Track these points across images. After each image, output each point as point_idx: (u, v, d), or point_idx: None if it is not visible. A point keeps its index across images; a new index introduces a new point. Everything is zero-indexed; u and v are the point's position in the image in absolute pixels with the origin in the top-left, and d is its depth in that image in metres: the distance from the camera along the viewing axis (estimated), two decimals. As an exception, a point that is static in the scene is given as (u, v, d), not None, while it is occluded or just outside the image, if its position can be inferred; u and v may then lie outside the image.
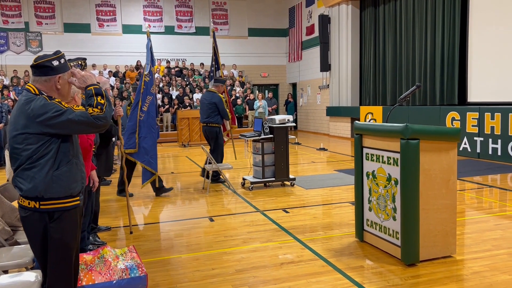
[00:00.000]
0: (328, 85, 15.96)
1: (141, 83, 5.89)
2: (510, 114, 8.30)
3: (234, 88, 17.47)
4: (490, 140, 8.76)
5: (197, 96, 16.16)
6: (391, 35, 12.80)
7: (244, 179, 6.92)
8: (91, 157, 3.29)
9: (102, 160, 4.13)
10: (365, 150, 3.91)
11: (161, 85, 16.88)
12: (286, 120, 6.53)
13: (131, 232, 4.61)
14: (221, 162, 7.14)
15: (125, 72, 17.42)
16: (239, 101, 16.46)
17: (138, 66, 17.92)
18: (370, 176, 3.85)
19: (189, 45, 19.11)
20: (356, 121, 4.11)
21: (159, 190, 6.39)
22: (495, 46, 9.38)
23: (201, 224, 4.91)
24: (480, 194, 5.97)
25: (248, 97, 16.73)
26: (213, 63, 7.79)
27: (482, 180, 6.90)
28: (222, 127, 7.26)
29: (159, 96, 15.72)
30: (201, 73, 18.61)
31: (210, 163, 6.68)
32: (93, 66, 16.55)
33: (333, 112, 15.11)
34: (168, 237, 4.47)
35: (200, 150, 12.41)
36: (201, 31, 19.21)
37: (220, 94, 7.12)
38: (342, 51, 14.68)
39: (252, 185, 6.61)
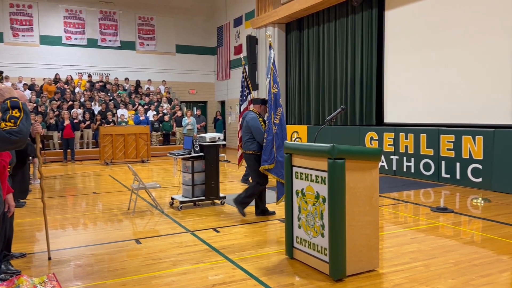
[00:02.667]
0: (255, 104, 16.24)
1: (270, 95, 5.71)
2: (421, 134, 9.05)
3: (161, 105, 17.15)
4: (405, 158, 9.46)
5: (121, 111, 15.60)
6: (315, 58, 13.43)
7: (172, 198, 6.76)
8: (6, 178, 3.02)
9: (17, 182, 3.81)
10: (294, 169, 4.03)
11: (82, 99, 16.08)
12: (217, 138, 6.53)
13: (49, 258, 4.27)
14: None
15: (42, 85, 16.36)
16: (166, 117, 16.17)
17: (57, 80, 16.93)
18: (300, 194, 3.96)
19: (114, 59, 18.51)
20: (286, 141, 4.22)
21: (264, 211, 6.02)
22: (408, 71, 10.23)
23: (127, 247, 4.68)
24: (396, 209, 6.39)
25: (176, 114, 16.49)
26: (245, 88, 9.54)
27: (398, 196, 7.39)
28: None
29: (79, 111, 14.96)
30: (126, 88, 18.04)
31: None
32: (6, 78, 15.33)
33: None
34: (91, 262, 4.20)
35: (124, 168, 11.93)
36: (126, 45, 18.72)
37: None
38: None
39: (181, 205, 6.47)
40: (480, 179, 7.87)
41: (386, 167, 9.92)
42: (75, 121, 14.23)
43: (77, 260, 4.27)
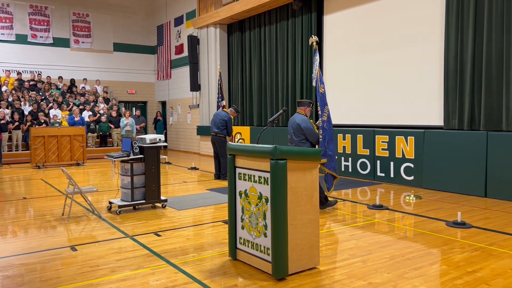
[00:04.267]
0: (198, 104, 16.11)
1: (318, 95, 6.30)
2: (358, 135, 9.44)
3: (97, 105, 16.45)
4: (343, 158, 9.81)
5: (54, 112, 14.76)
6: (257, 60, 13.55)
7: (110, 202, 6.50)
8: None
9: None
10: (237, 170, 4.03)
11: (10, 99, 15.03)
12: (158, 140, 6.37)
13: (-28, 271, 3.94)
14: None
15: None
16: (103, 118, 15.54)
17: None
18: (243, 195, 3.97)
19: (46, 56, 17.49)
20: (229, 142, 4.21)
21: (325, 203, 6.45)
22: (345, 75, 10.62)
23: (62, 254, 4.43)
24: (335, 207, 6.59)
25: (112, 115, 15.89)
26: (219, 94, 10.95)
27: (336, 195, 7.64)
28: (226, 139, 9.45)
29: (7, 111, 13.97)
30: (59, 87, 17.12)
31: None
32: None
33: (204, 131, 15.27)
34: (21, 272, 3.93)
35: (58, 171, 11.31)
36: (59, 42, 17.76)
37: (231, 115, 9.58)
38: (211, 72, 15.01)
39: (120, 209, 6.24)
40: (412, 177, 8.34)
41: (326, 167, 10.21)
42: (2, 121, 13.26)
43: (5, 270, 3.97)
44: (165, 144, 6.76)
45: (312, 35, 6.52)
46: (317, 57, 6.38)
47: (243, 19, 14.04)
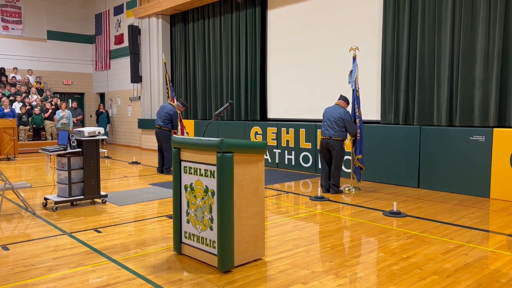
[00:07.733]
0: (139, 97, 15.64)
1: (357, 99, 7.03)
2: (300, 129, 9.65)
3: (29, 96, 15.47)
4: (286, 151, 10.00)
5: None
6: (201, 53, 13.39)
7: (46, 198, 6.16)
8: None
9: None
10: (183, 164, 3.97)
11: None
12: (97, 133, 6.11)
13: None
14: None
15: None
16: (36, 110, 14.64)
17: None
18: (188, 189, 3.92)
19: (-30, 42, 16.14)
20: (174, 135, 4.14)
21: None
22: (288, 70, 10.80)
23: (-8, 255, 4.14)
24: (279, 200, 6.72)
25: (45, 107, 15.00)
26: (167, 86, 10.29)
27: (280, 187, 7.78)
28: (172, 132, 9.33)
29: None
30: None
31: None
32: None
33: (145, 124, 14.87)
34: None
35: (-15, 167, 10.51)
36: (-14, 27, 16.45)
37: (177, 110, 9.37)
38: (153, 64, 14.63)
39: (56, 205, 5.93)
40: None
41: (270, 160, 10.37)
42: None
43: None
44: (105, 137, 6.50)
45: (353, 45, 7.15)
46: (356, 64, 7.08)
47: (187, 10, 13.80)
